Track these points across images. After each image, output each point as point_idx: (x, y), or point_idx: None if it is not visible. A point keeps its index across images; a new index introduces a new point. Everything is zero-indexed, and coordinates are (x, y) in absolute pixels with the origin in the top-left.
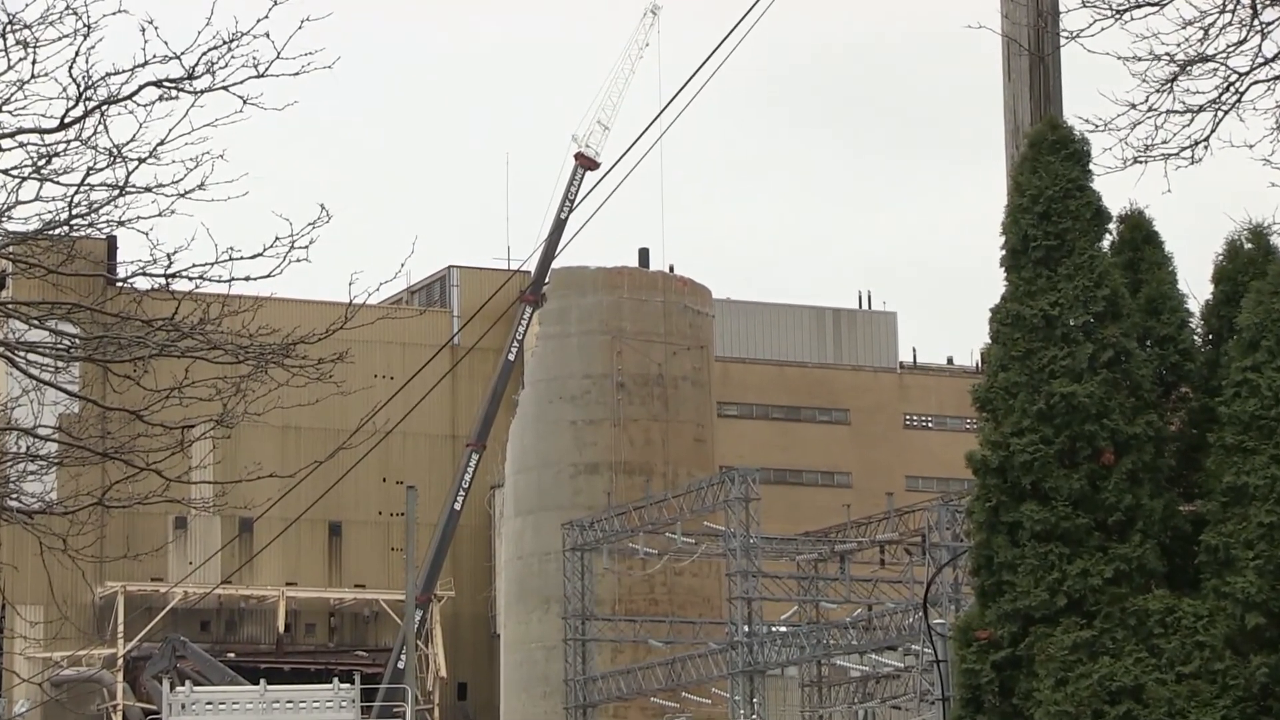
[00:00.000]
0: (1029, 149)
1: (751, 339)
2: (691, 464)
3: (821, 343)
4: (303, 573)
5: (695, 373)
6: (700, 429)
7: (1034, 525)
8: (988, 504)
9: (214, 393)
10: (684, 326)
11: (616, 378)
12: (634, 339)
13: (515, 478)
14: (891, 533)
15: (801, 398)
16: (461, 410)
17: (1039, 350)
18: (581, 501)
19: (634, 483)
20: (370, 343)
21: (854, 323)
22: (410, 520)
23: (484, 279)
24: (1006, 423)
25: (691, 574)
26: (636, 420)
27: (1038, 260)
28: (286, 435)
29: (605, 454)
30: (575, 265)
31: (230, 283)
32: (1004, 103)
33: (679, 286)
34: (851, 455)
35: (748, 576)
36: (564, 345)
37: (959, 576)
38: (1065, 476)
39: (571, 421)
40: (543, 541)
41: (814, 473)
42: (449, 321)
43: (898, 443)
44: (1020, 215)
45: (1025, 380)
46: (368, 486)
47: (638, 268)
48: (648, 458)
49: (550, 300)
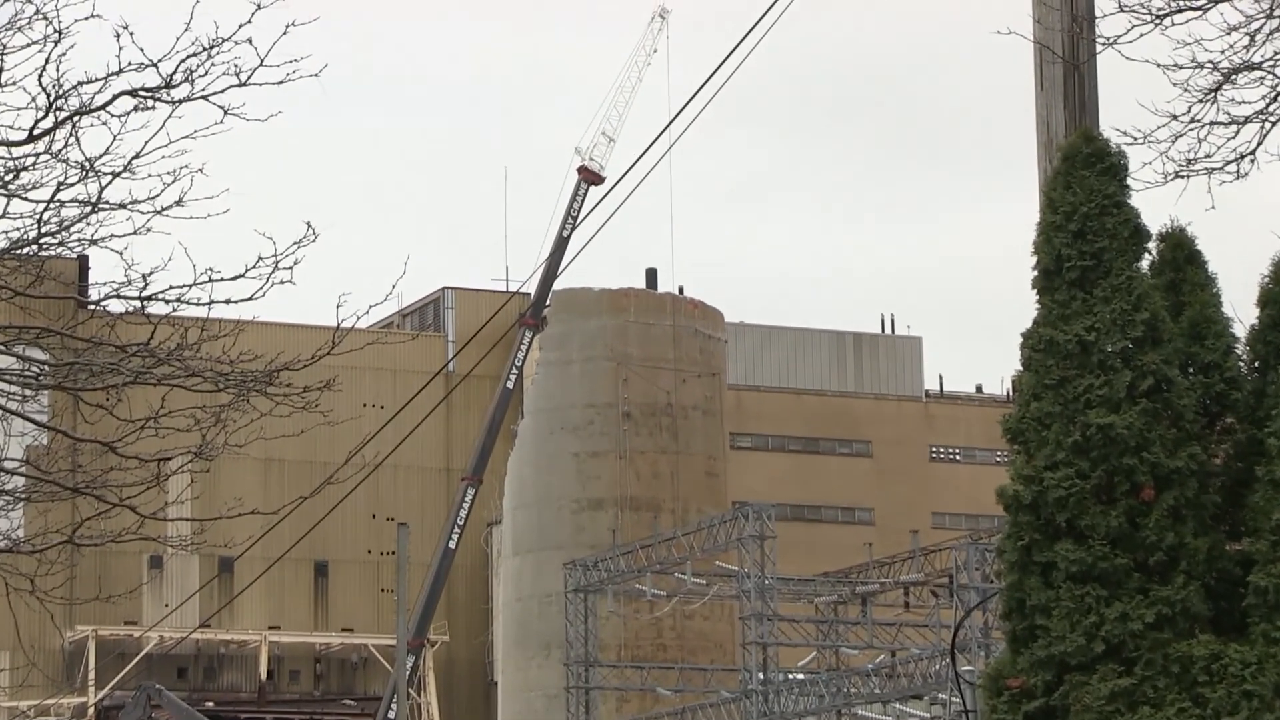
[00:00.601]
0: (1063, 163)
1: (767, 365)
2: (702, 499)
3: (842, 370)
4: (286, 616)
5: (706, 402)
6: (712, 462)
7: (1069, 565)
8: (1019, 543)
9: (192, 423)
10: (694, 352)
11: (622, 407)
12: (641, 365)
13: (514, 514)
14: (917, 573)
15: (820, 428)
16: (456, 442)
17: (1074, 378)
18: (585, 540)
19: (641, 519)
20: (359, 369)
21: (876, 348)
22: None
23: (481, 301)
24: (1039, 456)
25: (702, 617)
26: (644, 452)
27: (1072, 282)
28: (269, 468)
29: (610, 489)
30: (578, 287)
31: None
32: (1036, 113)
33: (689, 309)
34: (874, 490)
35: (763, 620)
36: (566, 372)
37: (989, 620)
38: (1102, 513)
39: (574, 454)
40: (543, 582)
41: (834, 509)
42: (443, 346)
43: (923, 477)
44: (1053, 234)
45: (1059, 410)
46: (356, 523)
47: (645, 289)
48: (655, 493)
49: (551, 324)
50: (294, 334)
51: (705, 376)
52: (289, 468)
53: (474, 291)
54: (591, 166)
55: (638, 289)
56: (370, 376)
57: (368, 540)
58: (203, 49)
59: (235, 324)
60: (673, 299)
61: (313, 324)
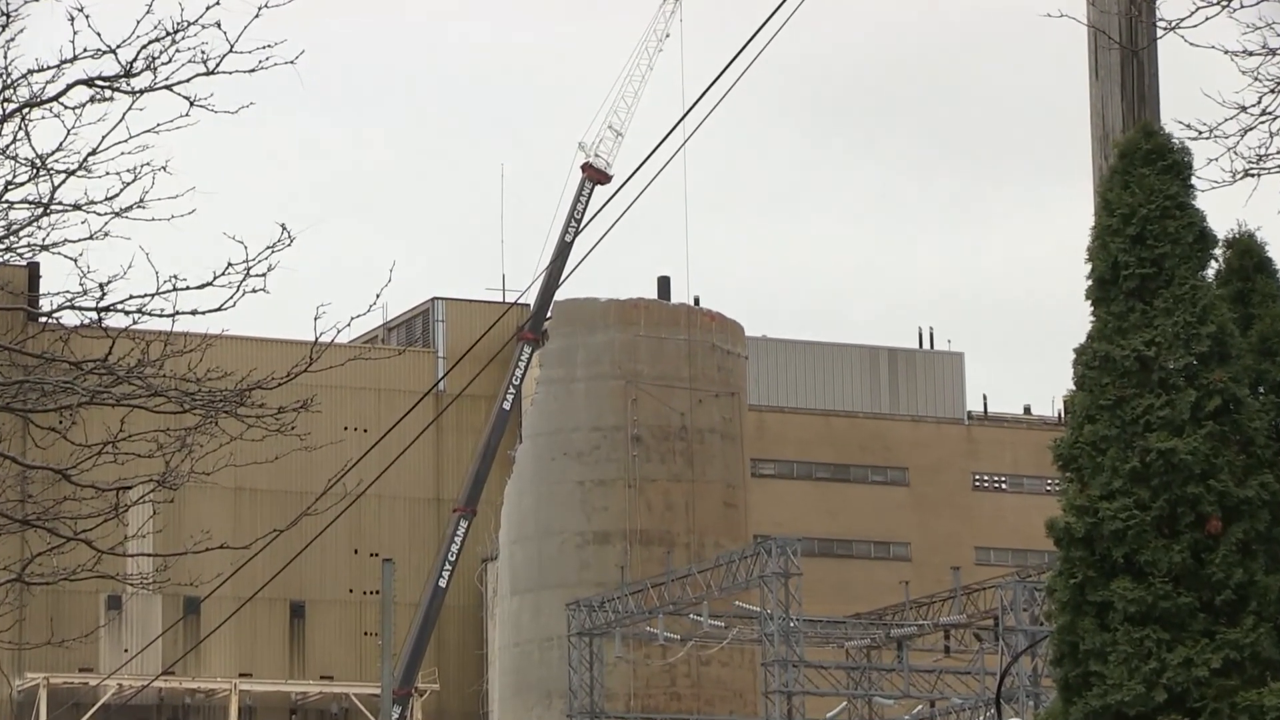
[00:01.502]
0: (1120, 160)
1: (792, 384)
2: (720, 532)
3: (875, 389)
4: (259, 662)
5: (725, 424)
6: (731, 491)
7: (1127, 606)
8: (1072, 580)
9: (154, 448)
10: (711, 369)
11: (632, 430)
12: (652, 384)
13: (511, 549)
14: (958, 614)
15: (851, 454)
16: (447, 469)
17: (1132, 398)
18: (590, 577)
19: (652, 555)
20: (340, 389)
21: (913, 365)
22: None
23: (475, 313)
24: (1094, 484)
25: (720, 663)
26: (655, 481)
27: (1130, 291)
28: (240, 498)
29: (618, 521)
30: (583, 297)
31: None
32: (1090, 106)
33: (705, 322)
34: (910, 522)
35: (787, 666)
36: (569, 392)
37: (1038, 667)
38: (1164, 548)
39: (578, 482)
40: (544, 625)
41: (866, 543)
42: (433, 363)
43: (965, 507)
44: (1109, 238)
45: (1116, 433)
46: (336, 559)
47: (656, 300)
48: (669, 525)
49: (553, 338)
50: (268, 349)
51: (724, 396)
52: (262, 497)
53: (467, 302)
54: (597, 164)
55: (649, 299)
56: (352, 396)
57: (349, 578)
58: (166, 34)
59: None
60: (688, 310)
61: (288, 338)
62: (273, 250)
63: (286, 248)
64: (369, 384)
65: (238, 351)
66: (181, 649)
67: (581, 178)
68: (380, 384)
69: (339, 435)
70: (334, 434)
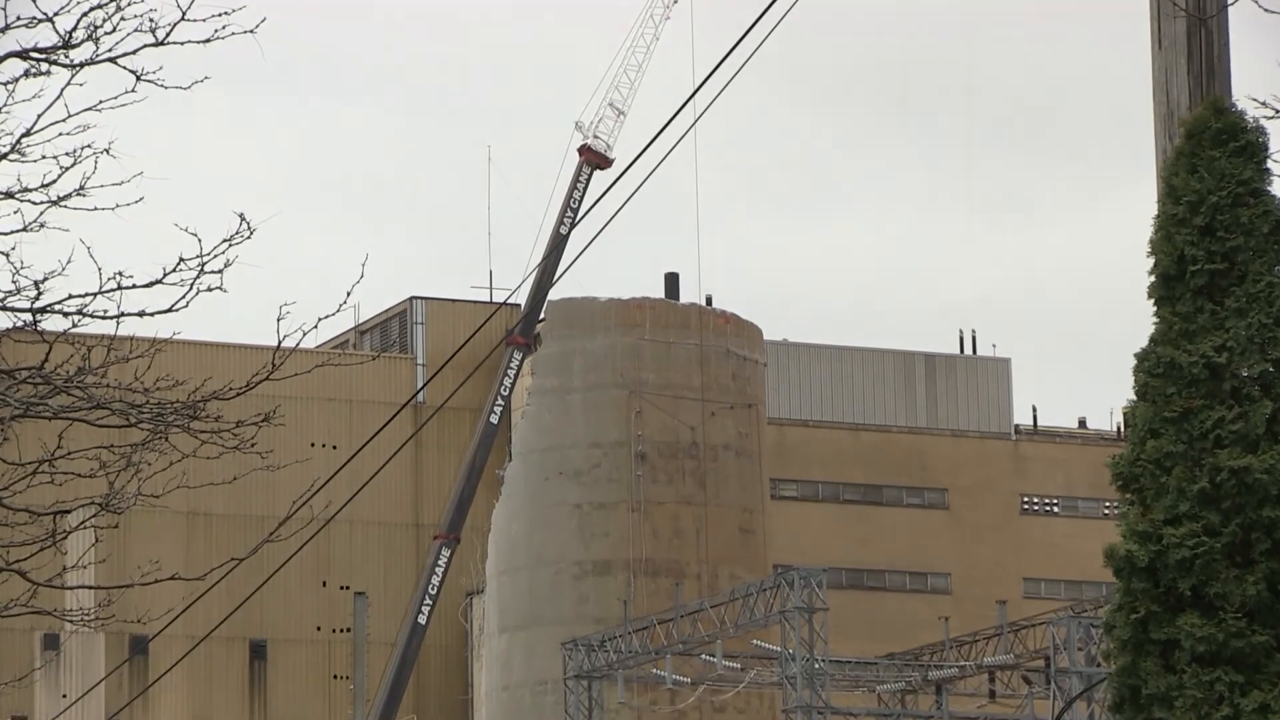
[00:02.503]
0: (1186, 141)
1: (816, 394)
2: (736, 562)
3: (910, 399)
4: (216, 708)
5: (741, 439)
6: (748, 515)
7: (1195, 645)
8: (1133, 615)
9: (97, 467)
10: (725, 377)
11: (636, 446)
12: (659, 394)
13: (500, 580)
14: (1004, 654)
15: (884, 473)
16: (428, 490)
17: (1201, 410)
18: (589, 613)
19: (659, 587)
20: (306, 400)
21: (953, 372)
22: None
23: (458, 314)
24: (1158, 507)
25: (736, 709)
26: (662, 503)
27: (1198, 289)
28: (194, 524)
29: (620, 549)
30: (580, 296)
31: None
32: (1153, 79)
33: (719, 324)
34: (950, 550)
35: (812, 713)
36: (565, 403)
37: (1095, 713)
38: (1237, 579)
39: (575, 505)
40: (537, 666)
41: (900, 574)
42: (411, 371)
43: (1012, 533)
44: (1175, 229)
45: (1183, 450)
46: (302, 593)
47: (663, 299)
48: (677, 554)
49: (547, 343)
50: (224, 355)
51: (739, 408)
52: (218, 523)
53: (450, 302)
54: (596, 147)
55: (654, 299)
56: (320, 408)
57: (316, 614)
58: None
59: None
60: (698, 311)
61: (248, 343)
62: (230, 243)
63: (245, 240)
64: (339, 394)
65: (191, 358)
66: (127, 694)
67: (579, 161)
68: (352, 394)
69: (305, 452)
70: (299, 451)
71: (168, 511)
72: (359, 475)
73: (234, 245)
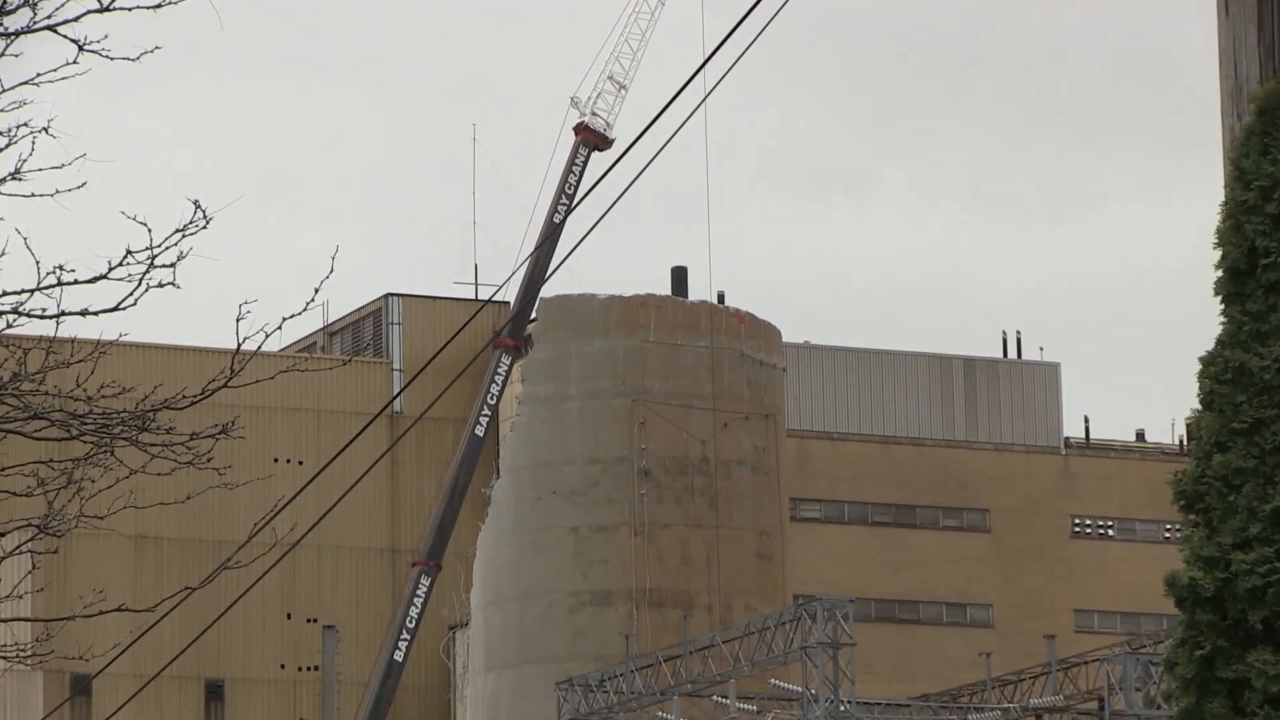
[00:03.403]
0: (1257, 118)
1: (842, 403)
2: (752, 592)
3: (947, 409)
4: None
5: (758, 454)
6: (765, 539)
7: (1267, 684)
8: (1198, 651)
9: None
10: (740, 385)
11: (639, 462)
12: (665, 403)
13: (487, 613)
14: (1053, 695)
15: (917, 492)
16: (405, 511)
17: (1273, 421)
18: (586, 649)
19: (665, 620)
20: (269, 409)
21: (996, 379)
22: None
23: (439, 313)
24: (1225, 529)
25: None
26: (669, 526)
27: (1270, 285)
28: (143, 549)
29: (621, 577)
30: (577, 293)
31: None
32: (1219, 50)
33: (732, 324)
34: (993, 578)
35: None
36: (559, 413)
37: None
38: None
39: (571, 528)
40: (528, 709)
41: (936, 605)
42: (387, 376)
43: (1062, 560)
44: (1245, 218)
45: (1254, 465)
46: (264, 627)
47: (670, 296)
48: (686, 582)
49: (539, 345)
50: (177, 360)
51: (756, 419)
52: (170, 548)
53: (430, 300)
54: (595, 125)
55: (660, 296)
56: (284, 419)
57: (280, 650)
58: None
59: (95, 345)
60: (710, 310)
61: (203, 346)
62: (184, 234)
63: (201, 230)
64: (306, 403)
65: (140, 362)
66: None
67: (575, 141)
68: (320, 403)
69: (267, 468)
70: (261, 467)
71: (113, 535)
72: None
73: (188, 236)
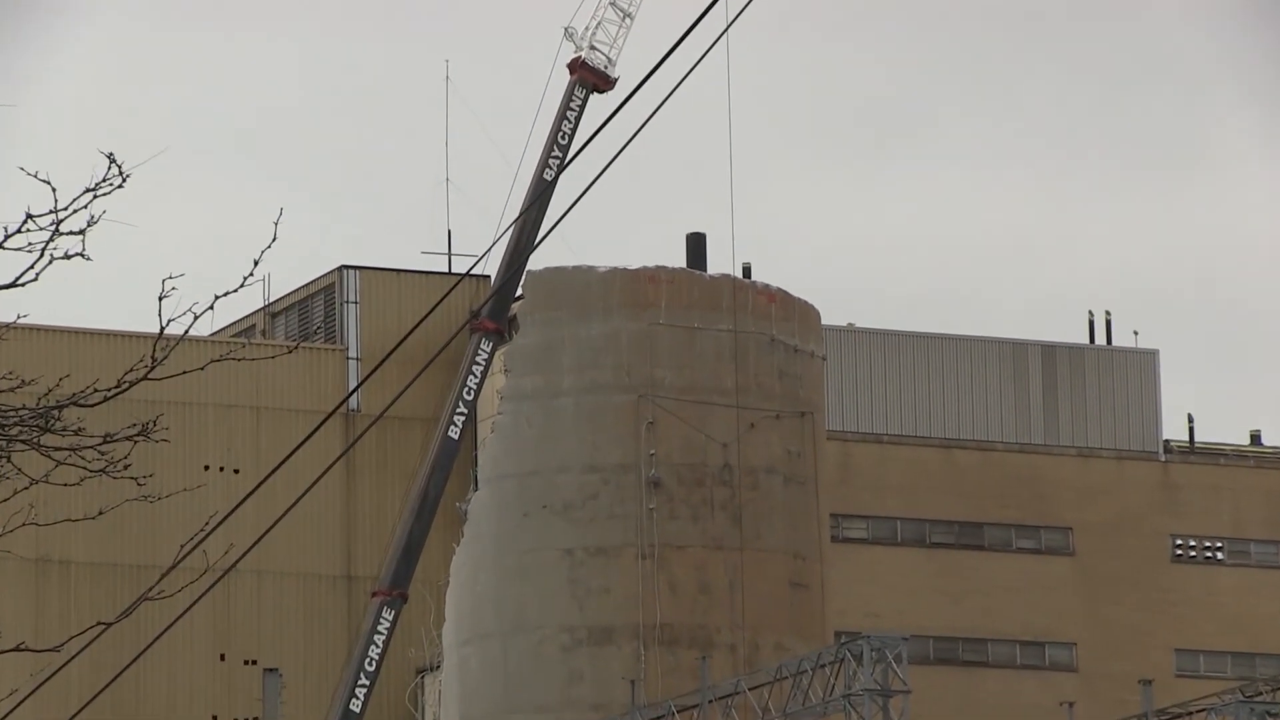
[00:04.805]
0: None
1: (893, 399)
2: (784, 627)
3: (1021, 406)
4: None
5: (791, 461)
6: (800, 564)
7: None
8: None
9: None
10: (770, 377)
11: (648, 471)
12: (679, 399)
13: (463, 653)
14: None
15: (984, 506)
16: (363, 530)
17: None
18: (583, 695)
19: (679, 661)
20: (199, 406)
21: (1081, 370)
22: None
23: (404, 290)
24: None
25: None
26: (684, 548)
27: None
28: (45, 575)
29: (626, 610)
30: (571, 265)
31: None
32: None
33: (760, 302)
34: (1076, 610)
35: None
36: (551, 411)
37: None
38: None
39: (565, 551)
40: None
41: (1008, 643)
42: (341, 366)
43: (1161, 588)
44: None
45: None
46: (194, 669)
47: (685, 270)
48: (704, 616)
49: (525, 328)
50: (87, 346)
51: (789, 417)
52: (79, 574)
53: (393, 273)
54: (593, 61)
55: (673, 269)
56: (217, 418)
57: (213, 697)
58: None
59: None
60: (733, 286)
61: (119, 330)
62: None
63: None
64: (243, 399)
65: (41, 349)
66: None
67: (570, 80)
68: (260, 399)
69: (197, 477)
70: (189, 475)
71: (10, 558)
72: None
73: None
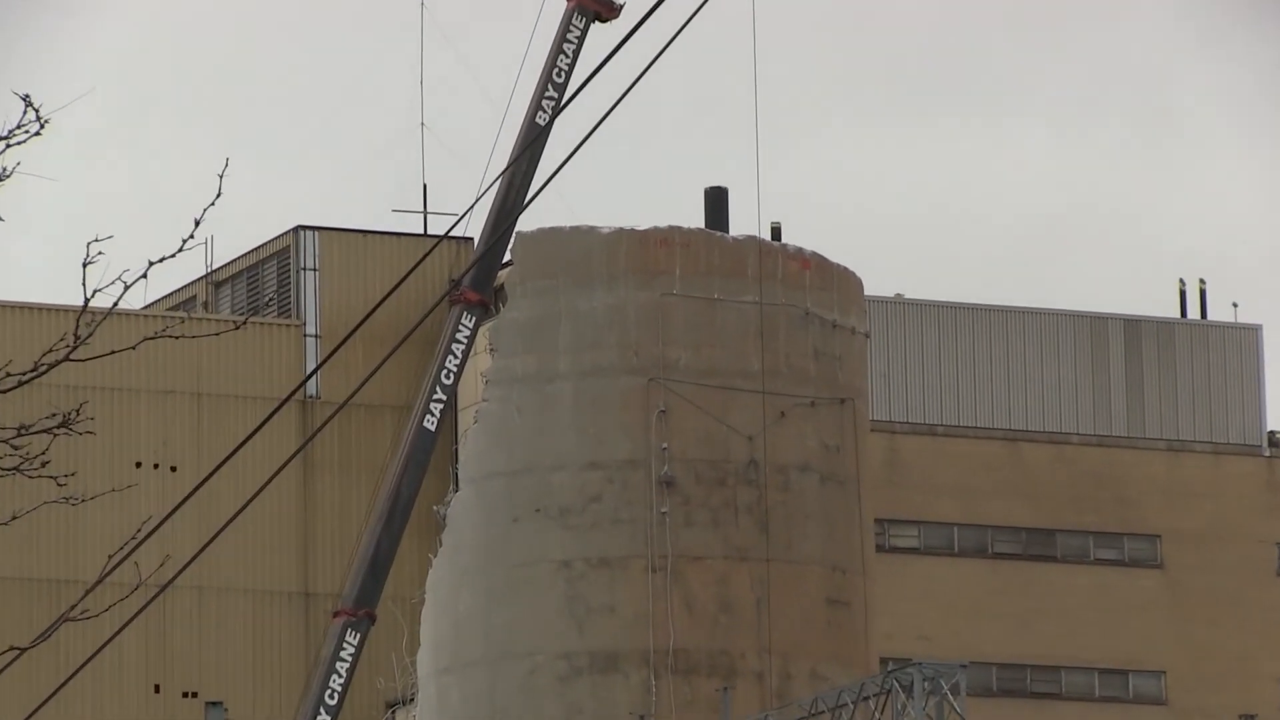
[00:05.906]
0: None
1: (949, 384)
2: (820, 652)
3: (1100, 391)
4: None
5: (828, 456)
6: (839, 577)
7: None
8: None
9: None
10: (805, 357)
11: (660, 468)
12: (696, 384)
13: (442, 683)
14: None
15: (1057, 510)
16: (321, 539)
17: None
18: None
19: (696, 692)
20: (131, 392)
21: (1171, 348)
22: None
23: (371, 254)
24: None
25: None
26: (701, 559)
27: None
28: None
29: (634, 632)
30: (569, 226)
31: None
32: None
33: (793, 270)
34: (1166, 633)
35: None
36: (545, 398)
37: None
38: None
39: (563, 562)
40: None
41: (1086, 670)
42: (298, 345)
43: (1265, 606)
44: None
45: None
46: (125, 700)
47: (703, 230)
48: (726, 639)
49: (515, 300)
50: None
51: (826, 405)
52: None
53: (358, 234)
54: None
55: (688, 229)
56: (151, 406)
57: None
58: None
59: None
60: (760, 249)
61: (37, 303)
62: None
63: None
64: (182, 384)
65: None
66: None
67: (567, 8)
68: (202, 384)
69: (127, 476)
70: (119, 474)
71: None
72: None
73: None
